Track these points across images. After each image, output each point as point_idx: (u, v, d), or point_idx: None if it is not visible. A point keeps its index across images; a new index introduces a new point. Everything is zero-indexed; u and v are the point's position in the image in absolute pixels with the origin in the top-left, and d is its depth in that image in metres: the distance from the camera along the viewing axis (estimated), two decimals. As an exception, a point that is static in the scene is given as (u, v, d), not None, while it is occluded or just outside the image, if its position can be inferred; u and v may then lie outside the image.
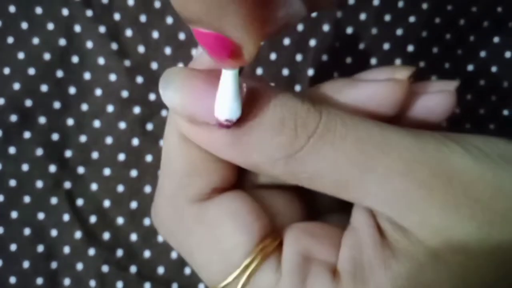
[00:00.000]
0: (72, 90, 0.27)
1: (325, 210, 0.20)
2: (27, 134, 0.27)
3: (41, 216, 0.27)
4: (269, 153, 0.15)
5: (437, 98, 0.19)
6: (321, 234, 0.17)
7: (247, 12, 0.11)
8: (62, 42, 0.27)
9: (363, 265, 0.15)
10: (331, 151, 0.15)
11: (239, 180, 0.18)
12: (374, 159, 0.15)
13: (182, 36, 0.28)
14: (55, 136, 0.27)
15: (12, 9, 0.27)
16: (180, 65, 0.28)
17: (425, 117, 0.19)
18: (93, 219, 0.27)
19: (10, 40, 0.27)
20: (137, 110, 0.27)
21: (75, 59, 0.27)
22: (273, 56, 0.28)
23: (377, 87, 0.18)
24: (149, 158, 0.27)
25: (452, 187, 0.15)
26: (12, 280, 0.27)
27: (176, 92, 0.15)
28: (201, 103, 0.15)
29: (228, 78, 0.14)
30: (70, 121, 0.27)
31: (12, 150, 0.27)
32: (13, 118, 0.27)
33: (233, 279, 0.16)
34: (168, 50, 0.28)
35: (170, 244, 0.18)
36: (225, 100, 0.14)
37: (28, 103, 0.27)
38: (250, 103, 0.15)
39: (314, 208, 0.20)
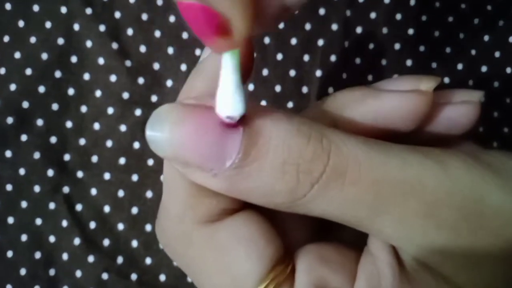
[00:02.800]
0: (71, 91, 0.26)
1: (340, 224, 0.19)
2: (24, 137, 0.26)
3: (38, 221, 0.26)
4: (270, 199, 0.14)
5: (460, 109, 0.17)
6: (336, 260, 0.15)
7: None
8: (61, 41, 0.26)
9: None
10: (339, 196, 0.13)
11: None
12: (391, 202, 0.13)
13: (185, 35, 0.27)
14: (53, 139, 0.26)
15: (8, 6, 0.26)
16: (183, 66, 0.27)
17: (447, 128, 0.18)
18: (92, 225, 0.26)
19: (6, 39, 0.26)
20: (138, 112, 0.26)
21: (74, 59, 0.26)
22: (279, 56, 0.27)
23: (400, 98, 0.17)
24: (150, 162, 0.26)
25: (483, 228, 0.13)
26: (9, 287, 0.26)
27: (165, 140, 0.13)
28: (192, 151, 0.13)
29: (226, 66, 0.13)
30: (69, 124, 0.26)
31: (8, 153, 0.26)
32: (10, 120, 0.26)
33: None
34: (170, 50, 0.27)
35: (177, 265, 0.17)
36: (225, 94, 0.13)
37: (25, 104, 0.26)
38: (248, 145, 0.13)
39: (328, 222, 0.19)
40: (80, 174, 0.26)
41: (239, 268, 0.15)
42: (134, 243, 0.26)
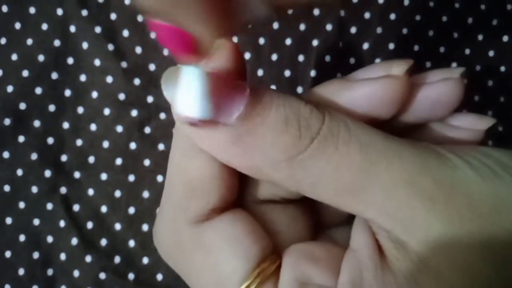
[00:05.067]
0: (67, 93, 0.26)
1: (331, 224, 0.19)
2: (21, 138, 0.26)
3: (36, 222, 0.26)
4: (272, 154, 0.14)
5: (440, 88, 0.17)
6: (321, 256, 0.16)
7: (206, 5, 0.11)
8: (57, 43, 0.26)
9: None
10: (335, 154, 0.14)
11: (240, 196, 0.17)
12: (378, 166, 0.14)
13: (180, 36, 0.27)
14: (50, 140, 0.26)
15: (4, 8, 0.26)
16: (179, 66, 0.27)
17: (430, 111, 0.18)
18: (89, 225, 0.26)
19: (3, 41, 0.26)
20: (134, 113, 0.27)
21: (70, 60, 0.26)
22: (274, 57, 0.27)
23: (373, 86, 0.17)
24: (147, 162, 0.27)
25: (455, 201, 0.14)
26: (7, 288, 0.26)
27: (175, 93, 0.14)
28: None
29: (192, 76, 0.13)
30: (65, 125, 0.26)
31: (6, 154, 0.26)
32: (7, 121, 0.26)
33: None
34: (166, 51, 0.27)
35: (171, 266, 0.17)
36: (189, 98, 0.13)
37: (22, 106, 0.26)
38: (253, 102, 0.14)
39: (320, 222, 0.19)
40: (77, 174, 0.27)
41: (224, 267, 0.15)
42: (131, 243, 0.26)
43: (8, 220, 0.26)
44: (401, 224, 0.14)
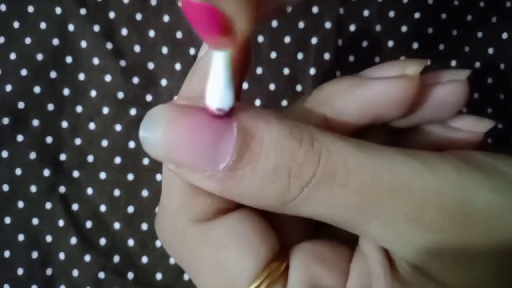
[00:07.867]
0: (66, 92, 0.26)
1: None
2: (20, 137, 0.26)
3: (35, 221, 0.26)
4: (261, 201, 0.14)
5: (447, 89, 0.17)
6: (330, 258, 0.15)
7: None
8: (55, 41, 0.26)
9: None
10: (328, 199, 0.14)
11: None
12: (378, 204, 0.13)
13: (179, 34, 0.27)
14: (49, 139, 0.26)
15: (3, 7, 0.26)
16: (178, 65, 0.27)
17: (434, 112, 0.17)
18: (89, 224, 0.26)
19: (1, 40, 0.26)
20: (133, 111, 0.27)
21: (69, 59, 0.26)
22: (273, 55, 0.27)
23: (387, 85, 0.16)
24: (146, 161, 0.27)
25: (470, 228, 0.13)
26: (6, 287, 0.26)
27: (158, 141, 0.13)
28: (185, 152, 0.13)
29: (220, 62, 0.13)
30: (64, 124, 0.26)
31: (4, 154, 0.26)
32: (5, 121, 0.26)
33: None
34: (165, 49, 0.27)
35: (175, 261, 0.17)
36: (217, 87, 0.13)
37: (21, 105, 0.26)
38: (242, 147, 0.13)
39: None
40: (76, 173, 0.26)
41: (233, 265, 0.15)
42: (130, 242, 0.26)
43: (7, 220, 0.26)
44: (403, 252, 0.14)
